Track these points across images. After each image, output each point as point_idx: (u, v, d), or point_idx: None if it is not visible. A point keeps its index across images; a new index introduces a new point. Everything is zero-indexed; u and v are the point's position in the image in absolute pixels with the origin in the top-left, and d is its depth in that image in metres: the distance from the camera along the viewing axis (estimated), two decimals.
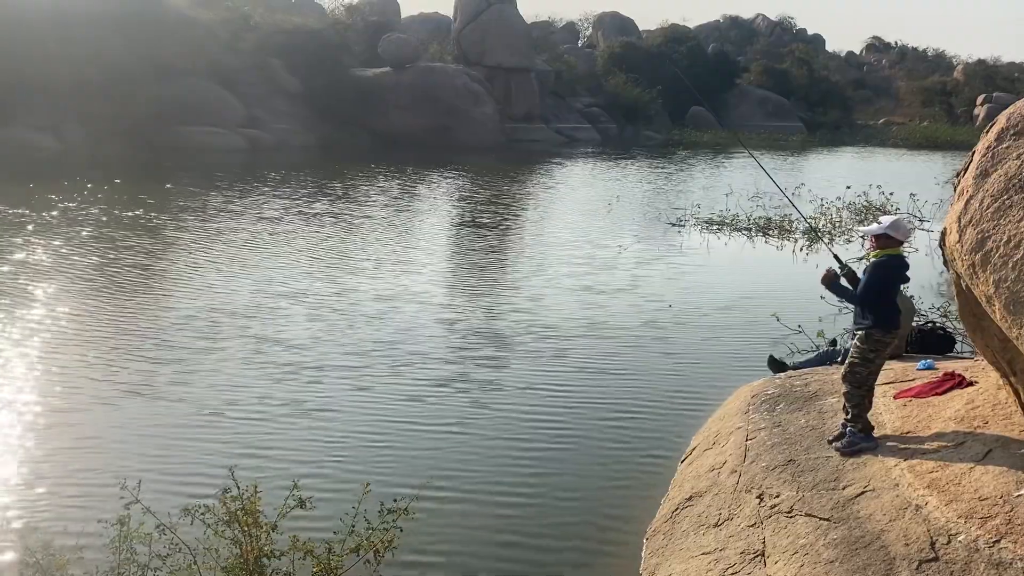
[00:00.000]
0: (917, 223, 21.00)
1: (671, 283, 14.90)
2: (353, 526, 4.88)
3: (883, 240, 5.88)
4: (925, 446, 5.65)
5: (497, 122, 45.66)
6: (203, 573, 4.54)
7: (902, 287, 6.40)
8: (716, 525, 5.88)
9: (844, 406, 5.99)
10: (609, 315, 12.92)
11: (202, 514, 4.56)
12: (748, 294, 14.47)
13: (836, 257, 6.70)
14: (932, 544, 4.65)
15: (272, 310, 12.36)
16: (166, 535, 4.59)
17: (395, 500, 4.96)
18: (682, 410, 9.22)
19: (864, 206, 23.18)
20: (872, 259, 5.93)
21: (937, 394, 6.44)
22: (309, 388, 9.33)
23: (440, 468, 7.72)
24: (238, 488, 4.74)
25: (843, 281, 6.27)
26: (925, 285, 13.70)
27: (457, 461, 7.91)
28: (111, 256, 15.66)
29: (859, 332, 5.89)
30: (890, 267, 5.88)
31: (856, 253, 15.22)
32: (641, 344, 11.64)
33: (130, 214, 20.20)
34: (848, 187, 24.21)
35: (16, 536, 5.66)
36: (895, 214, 21.96)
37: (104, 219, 19.48)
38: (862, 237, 16.06)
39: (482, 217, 22.46)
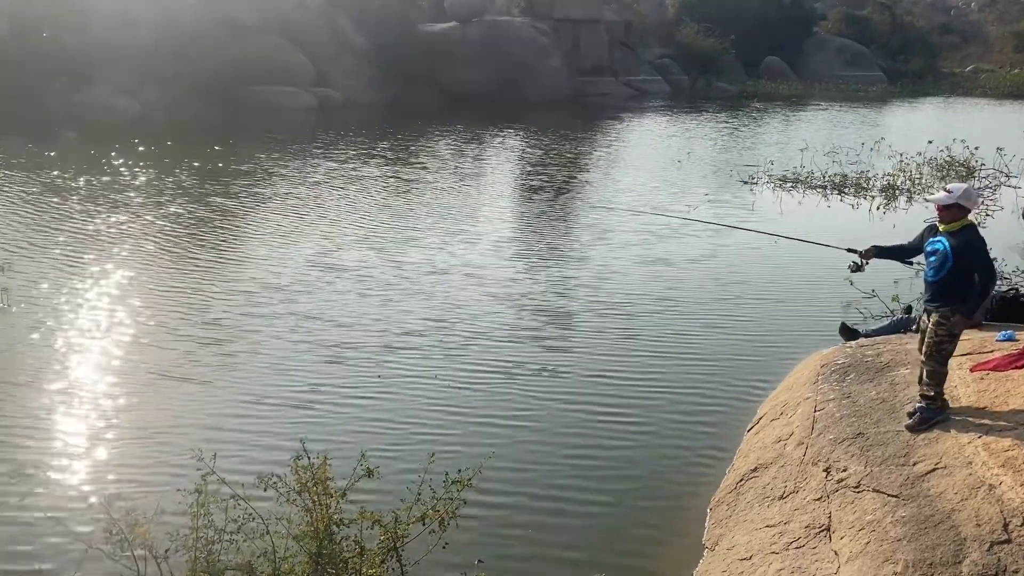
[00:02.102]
0: (1004, 180, 20.15)
1: (747, 251, 14.23)
2: (419, 494, 5.00)
3: (955, 211, 5.65)
4: (1002, 423, 5.49)
5: (565, 76, 45.07)
6: (275, 541, 4.74)
7: None
8: (781, 497, 5.84)
9: (923, 382, 5.79)
10: (677, 282, 12.72)
11: (274, 484, 4.73)
12: (821, 256, 14.07)
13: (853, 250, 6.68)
14: (1005, 525, 4.54)
15: (324, 284, 12.13)
16: (240, 505, 4.77)
17: (459, 471, 5.06)
18: (750, 378, 9.11)
19: (946, 161, 22.30)
20: (951, 229, 5.68)
21: (1017, 367, 6.23)
22: (359, 373, 9.13)
23: (500, 441, 7.81)
24: (308, 458, 4.89)
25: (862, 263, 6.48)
26: (1011, 246, 13.17)
27: (517, 431, 8.00)
28: (157, 225, 15.49)
29: (943, 309, 5.65)
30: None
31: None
32: (710, 308, 11.50)
33: (178, 179, 20.06)
34: (930, 141, 23.27)
35: (100, 506, 5.94)
36: (979, 169, 21.13)
37: (155, 184, 19.41)
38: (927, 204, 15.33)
39: (543, 178, 21.99)
